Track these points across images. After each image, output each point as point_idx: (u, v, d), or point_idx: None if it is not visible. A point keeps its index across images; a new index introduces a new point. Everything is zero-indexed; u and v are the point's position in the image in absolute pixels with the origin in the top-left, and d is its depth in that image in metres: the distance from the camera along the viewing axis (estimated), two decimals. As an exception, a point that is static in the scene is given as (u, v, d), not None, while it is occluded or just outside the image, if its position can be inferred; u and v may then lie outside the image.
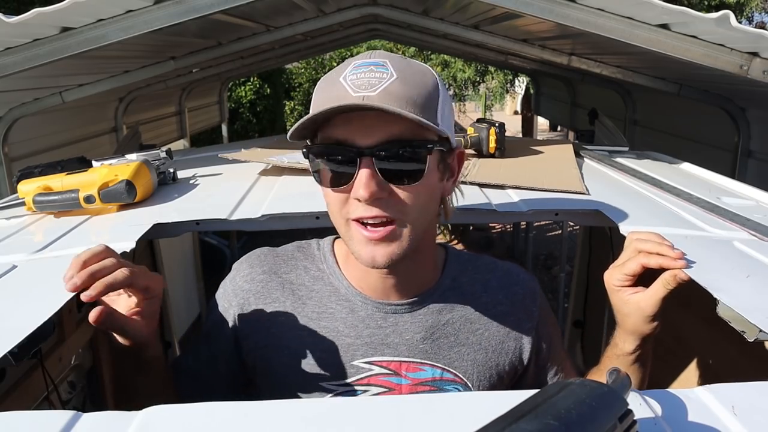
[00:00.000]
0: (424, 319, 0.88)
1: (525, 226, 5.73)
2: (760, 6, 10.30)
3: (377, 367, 0.87)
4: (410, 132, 0.74)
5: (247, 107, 8.81)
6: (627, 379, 0.52)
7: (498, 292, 0.92)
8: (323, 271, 0.91)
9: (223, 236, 5.78)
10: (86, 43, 1.53)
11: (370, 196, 0.72)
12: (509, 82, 11.80)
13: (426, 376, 0.88)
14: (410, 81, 0.74)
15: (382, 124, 0.73)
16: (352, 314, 0.87)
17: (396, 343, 0.87)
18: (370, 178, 0.72)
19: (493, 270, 0.95)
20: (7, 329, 0.71)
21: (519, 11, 1.58)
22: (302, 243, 0.96)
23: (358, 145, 0.73)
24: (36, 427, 0.53)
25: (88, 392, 1.78)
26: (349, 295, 0.88)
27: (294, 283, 0.90)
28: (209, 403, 0.56)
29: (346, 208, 0.77)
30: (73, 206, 1.25)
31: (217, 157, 1.76)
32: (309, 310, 0.88)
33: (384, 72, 0.73)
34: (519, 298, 0.93)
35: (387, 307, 0.87)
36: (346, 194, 0.76)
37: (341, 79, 0.74)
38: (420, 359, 0.87)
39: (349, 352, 0.86)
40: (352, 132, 0.73)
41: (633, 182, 1.48)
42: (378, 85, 0.72)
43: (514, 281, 0.94)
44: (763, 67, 1.49)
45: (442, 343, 0.88)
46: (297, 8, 2.26)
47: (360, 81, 0.73)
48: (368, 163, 0.73)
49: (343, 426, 0.53)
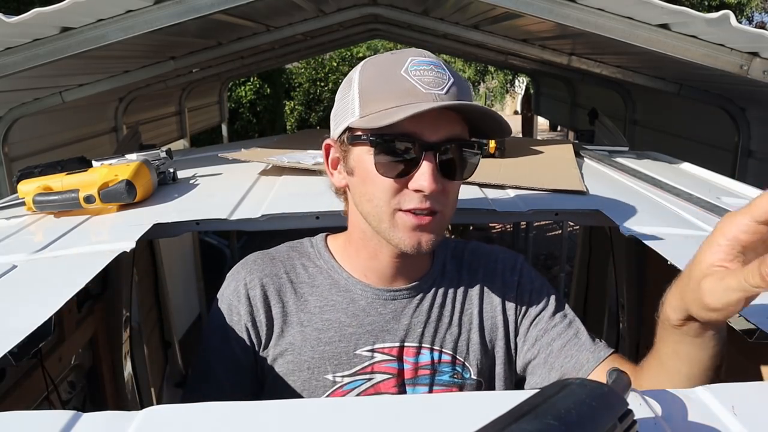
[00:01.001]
0: (421, 304, 0.91)
1: (525, 226, 5.71)
2: (760, 6, 10.30)
3: (379, 354, 0.89)
4: (465, 133, 0.82)
5: (247, 107, 8.81)
6: (627, 379, 0.52)
7: (479, 272, 0.96)
8: (320, 267, 0.93)
9: (223, 236, 5.78)
10: (86, 43, 1.53)
11: (433, 190, 0.77)
12: (509, 82, 11.81)
13: (425, 359, 0.90)
14: (462, 85, 0.80)
15: (446, 122, 0.78)
16: (353, 304, 0.90)
17: (395, 328, 0.89)
18: (434, 172, 0.77)
19: (475, 252, 0.98)
20: (7, 329, 0.71)
21: (519, 11, 1.58)
22: (293, 243, 0.98)
23: (425, 140, 0.77)
24: (36, 427, 0.53)
25: (88, 392, 1.79)
26: (348, 285, 0.91)
27: (294, 282, 0.92)
28: (209, 403, 0.56)
29: (398, 198, 0.79)
30: (73, 206, 1.25)
31: (217, 157, 1.76)
32: (311, 306, 0.90)
33: (443, 73, 0.79)
34: (498, 274, 0.95)
35: (386, 294, 0.90)
36: (401, 186, 0.79)
37: (403, 73, 0.78)
38: (419, 343, 0.90)
39: (353, 342, 0.88)
40: (422, 126, 0.77)
41: (633, 182, 1.48)
42: (443, 85, 0.77)
43: (493, 260, 0.97)
44: (763, 67, 1.49)
45: (438, 326, 0.91)
46: (297, 8, 2.27)
47: (426, 78, 0.77)
48: (433, 157, 0.77)
49: (344, 426, 0.53)
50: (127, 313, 2.06)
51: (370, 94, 0.79)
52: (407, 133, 0.77)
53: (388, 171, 0.78)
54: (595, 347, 0.89)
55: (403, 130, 0.76)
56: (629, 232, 1.05)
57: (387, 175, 0.79)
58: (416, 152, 0.77)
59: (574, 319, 0.93)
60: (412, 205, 0.79)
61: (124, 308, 2.01)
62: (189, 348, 3.42)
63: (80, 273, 0.91)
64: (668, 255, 0.92)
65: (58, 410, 0.57)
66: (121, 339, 2.02)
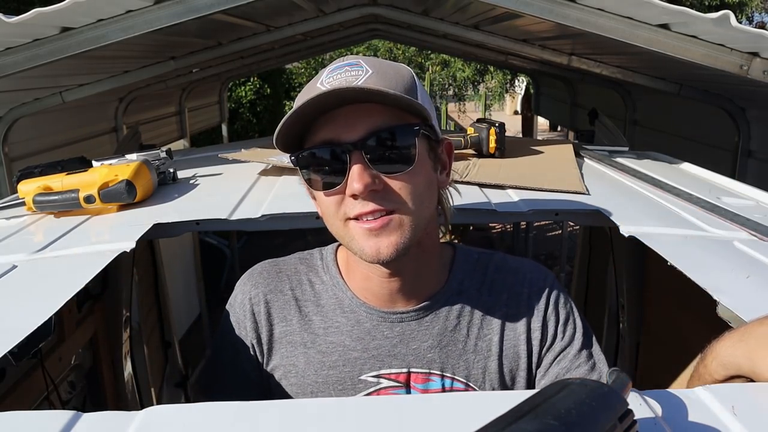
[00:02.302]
0: (431, 326, 0.84)
1: (525, 226, 5.72)
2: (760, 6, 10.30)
3: (386, 380, 0.84)
4: (394, 119, 0.74)
5: (247, 107, 8.80)
6: (627, 379, 0.52)
7: (503, 293, 0.87)
8: (326, 284, 0.88)
9: (223, 236, 5.78)
10: (86, 43, 1.53)
11: (365, 188, 0.71)
12: (508, 82, 11.81)
13: (436, 387, 0.84)
14: (386, 74, 0.74)
15: (365, 116, 0.72)
16: (358, 326, 0.84)
17: (403, 353, 0.84)
18: (362, 171, 0.71)
19: (501, 269, 0.89)
20: (7, 329, 0.71)
21: (519, 11, 1.58)
22: (304, 254, 0.94)
23: (344, 141, 0.72)
24: (36, 427, 0.53)
25: (88, 392, 1.79)
26: (354, 306, 0.85)
27: (299, 299, 0.88)
28: (209, 403, 0.56)
29: (343, 209, 0.75)
30: (73, 206, 1.25)
31: (217, 157, 1.76)
32: (315, 326, 0.86)
33: (359, 69, 0.74)
34: (524, 298, 0.87)
35: (393, 316, 0.84)
36: (340, 195, 0.75)
37: (318, 84, 0.74)
38: (428, 369, 0.84)
39: (357, 367, 0.84)
40: (337, 129, 0.73)
41: (633, 182, 1.48)
42: (355, 81, 0.72)
43: (520, 280, 0.88)
44: (763, 67, 1.49)
45: (450, 350, 0.84)
46: (297, 8, 2.27)
47: (337, 81, 0.73)
48: (358, 156, 0.72)
49: (345, 426, 0.53)
50: (127, 313, 2.06)
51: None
52: (324, 141, 0.73)
53: (323, 185, 0.75)
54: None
55: (320, 140, 0.73)
56: (629, 232, 1.05)
57: (324, 189, 0.75)
58: (340, 157, 0.73)
59: (598, 362, 0.86)
60: (355, 211, 0.74)
61: (124, 308, 2.01)
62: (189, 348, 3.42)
63: (80, 273, 0.91)
64: (668, 255, 0.92)
65: (58, 410, 0.57)
66: (121, 339, 2.02)
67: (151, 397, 2.42)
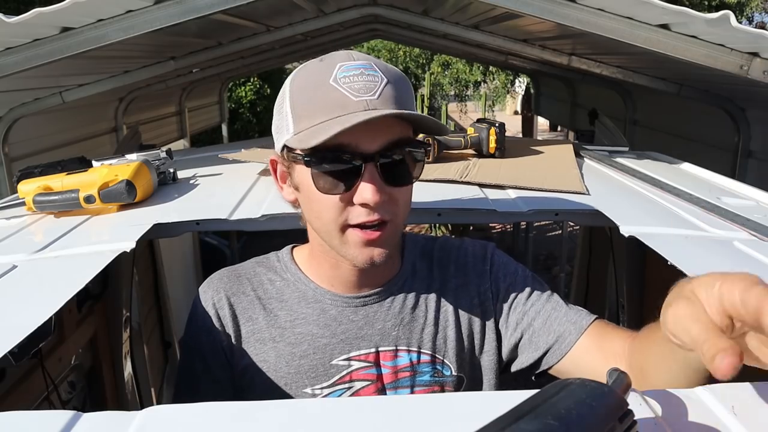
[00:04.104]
0: (393, 306, 0.89)
1: (525, 226, 5.72)
2: (760, 6, 10.30)
3: (356, 361, 0.87)
4: (406, 131, 0.77)
5: (247, 107, 8.82)
6: (627, 379, 0.52)
7: (449, 266, 0.94)
8: (287, 280, 0.91)
9: (223, 236, 5.78)
10: (86, 43, 1.53)
11: (378, 202, 0.73)
12: (510, 83, 11.81)
13: (404, 362, 0.89)
14: (398, 84, 0.76)
15: (385, 128, 0.74)
16: (323, 314, 0.88)
17: (370, 334, 0.88)
18: (378, 183, 0.74)
19: (444, 247, 0.96)
20: (7, 329, 0.71)
21: (519, 11, 1.58)
22: (260, 258, 0.96)
23: (362, 150, 0.73)
24: (36, 427, 0.53)
25: (88, 392, 1.79)
26: (318, 296, 0.89)
27: (262, 298, 0.90)
28: (209, 403, 0.56)
29: (344, 215, 0.76)
30: (73, 206, 1.25)
31: (217, 157, 1.76)
32: (282, 321, 0.88)
33: (375, 75, 0.74)
34: (469, 266, 0.93)
35: (356, 301, 0.88)
36: (345, 200, 0.75)
37: (332, 82, 0.73)
38: (395, 346, 0.88)
39: (327, 352, 0.87)
40: (357, 137, 0.72)
41: (633, 182, 1.48)
42: (375, 89, 0.73)
43: (463, 253, 0.95)
44: (763, 67, 1.49)
45: (413, 326, 0.89)
46: (297, 8, 2.27)
47: (356, 84, 0.73)
48: (373, 167, 0.74)
49: (342, 426, 0.53)
50: (127, 313, 2.06)
51: (301, 108, 0.76)
52: (343, 146, 0.73)
53: (330, 188, 0.75)
54: (577, 317, 0.86)
55: (337, 143, 0.72)
56: (629, 232, 1.05)
57: (330, 193, 0.75)
58: (356, 165, 0.73)
59: (551, 295, 0.91)
60: (360, 220, 0.75)
61: (124, 308, 2.01)
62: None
63: (80, 273, 0.91)
64: (668, 255, 0.92)
65: (58, 410, 0.57)
66: (121, 339, 2.02)
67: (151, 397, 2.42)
